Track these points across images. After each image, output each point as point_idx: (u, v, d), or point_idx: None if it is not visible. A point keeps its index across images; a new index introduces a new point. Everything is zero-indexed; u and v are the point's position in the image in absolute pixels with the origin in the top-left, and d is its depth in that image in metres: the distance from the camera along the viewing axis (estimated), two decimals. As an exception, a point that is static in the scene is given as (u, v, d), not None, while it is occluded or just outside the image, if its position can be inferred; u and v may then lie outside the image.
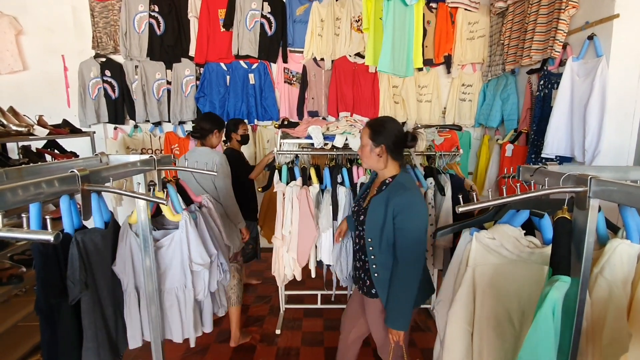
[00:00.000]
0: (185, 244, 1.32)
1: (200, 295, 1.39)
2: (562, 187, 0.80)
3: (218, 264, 1.50)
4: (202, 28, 3.50)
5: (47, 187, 0.83)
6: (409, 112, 3.69)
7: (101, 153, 1.27)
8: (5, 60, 3.52)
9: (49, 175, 0.89)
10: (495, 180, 3.37)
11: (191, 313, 1.37)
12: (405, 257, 1.31)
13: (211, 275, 1.43)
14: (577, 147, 2.40)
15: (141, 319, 1.29)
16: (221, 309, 1.62)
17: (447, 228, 1.28)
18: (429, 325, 2.61)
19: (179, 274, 1.33)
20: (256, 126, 3.76)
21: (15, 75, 3.60)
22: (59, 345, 1.15)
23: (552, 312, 0.81)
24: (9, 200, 0.74)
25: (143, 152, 3.74)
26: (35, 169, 1.07)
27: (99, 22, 3.55)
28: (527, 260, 1.01)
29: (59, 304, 1.12)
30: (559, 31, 2.53)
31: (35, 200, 0.78)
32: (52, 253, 1.07)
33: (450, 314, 1.11)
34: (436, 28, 3.58)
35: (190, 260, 1.34)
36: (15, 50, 3.52)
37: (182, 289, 1.34)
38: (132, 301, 1.27)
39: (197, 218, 1.44)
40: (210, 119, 2.34)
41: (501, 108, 3.40)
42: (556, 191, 0.79)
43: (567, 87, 2.44)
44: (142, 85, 3.57)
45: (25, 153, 2.63)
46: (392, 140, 1.36)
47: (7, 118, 2.32)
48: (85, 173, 0.87)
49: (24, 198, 0.77)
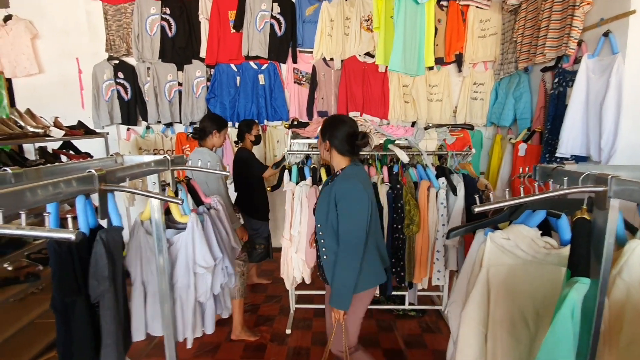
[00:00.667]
0: (191, 246, 1.33)
1: (202, 297, 1.40)
2: (581, 186, 0.78)
3: (223, 267, 1.50)
4: (213, 29, 3.53)
5: (66, 187, 0.85)
6: (419, 111, 3.66)
7: (116, 154, 1.29)
8: (22, 64, 3.60)
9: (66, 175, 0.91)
10: (507, 180, 3.32)
11: (190, 314, 1.38)
12: (344, 240, 1.44)
13: (215, 278, 1.44)
14: (593, 146, 2.35)
15: (145, 314, 1.31)
16: (225, 311, 1.62)
17: (461, 228, 1.26)
18: (439, 327, 2.59)
19: (183, 274, 1.35)
20: (266, 126, 3.78)
21: (31, 78, 3.68)
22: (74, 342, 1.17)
23: (571, 314, 0.79)
24: (29, 200, 0.76)
25: (155, 153, 3.78)
26: (52, 170, 1.09)
27: (112, 25, 3.61)
28: (543, 261, 0.99)
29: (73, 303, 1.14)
30: (573, 28, 2.48)
31: (54, 200, 0.80)
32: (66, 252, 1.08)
33: (464, 315, 1.10)
34: (447, 26, 3.54)
35: (194, 263, 1.35)
36: (31, 54, 3.61)
37: (185, 289, 1.35)
38: (138, 295, 1.29)
39: (204, 220, 1.45)
40: (210, 120, 2.36)
41: (514, 107, 3.34)
42: (575, 191, 0.77)
43: (582, 84, 2.39)
44: (154, 86, 3.62)
45: (42, 154, 2.69)
46: (337, 138, 1.52)
47: (24, 120, 2.38)
48: (103, 173, 0.89)
49: (43, 197, 0.79)
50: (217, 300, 1.55)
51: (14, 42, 3.55)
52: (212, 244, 1.44)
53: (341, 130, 1.51)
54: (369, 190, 1.51)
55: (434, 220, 2.14)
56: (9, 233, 0.57)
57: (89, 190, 0.89)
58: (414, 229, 2.09)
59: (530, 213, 1.06)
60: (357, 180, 1.47)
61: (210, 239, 1.44)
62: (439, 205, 2.14)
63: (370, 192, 1.51)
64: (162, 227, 1.30)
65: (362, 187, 1.46)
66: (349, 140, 1.51)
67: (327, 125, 1.57)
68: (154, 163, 1.22)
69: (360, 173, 1.54)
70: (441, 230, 2.15)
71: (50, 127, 2.48)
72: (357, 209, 1.44)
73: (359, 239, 1.44)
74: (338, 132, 1.51)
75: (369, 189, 1.52)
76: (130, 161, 1.31)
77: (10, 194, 0.70)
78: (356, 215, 1.44)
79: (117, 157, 1.32)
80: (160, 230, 1.30)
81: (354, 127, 1.54)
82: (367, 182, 1.56)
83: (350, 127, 1.52)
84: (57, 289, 1.13)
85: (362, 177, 1.53)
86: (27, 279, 2.05)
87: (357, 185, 1.45)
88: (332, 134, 1.53)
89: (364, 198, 1.45)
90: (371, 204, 1.49)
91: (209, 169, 1.50)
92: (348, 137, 1.51)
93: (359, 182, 1.46)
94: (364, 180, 1.53)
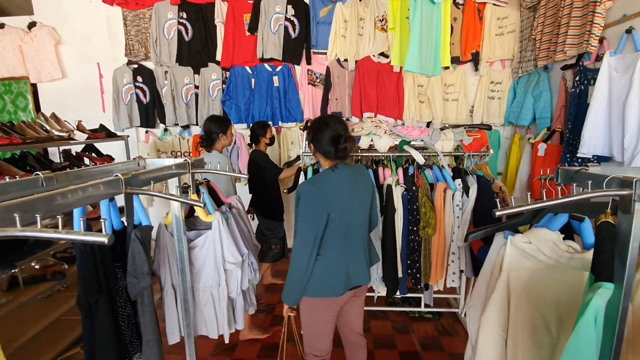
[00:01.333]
0: (219, 243, 1.37)
1: (233, 293, 1.43)
2: (605, 190, 0.77)
3: (249, 263, 1.53)
4: (228, 33, 3.59)
5: (94, 191, 0.89)
6: (434, 111, 3.63)
7: (139, 157, 1.33)
8: (46, 69, 3.74)
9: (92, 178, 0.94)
10: (526, 181, 3.25)
11: (225, 310, 1.41)
12: (295, 240, 1.45)
13: (243, 274, 1.48)
14: (616, 146, 2.28)
15: (179, 316, 1.35)
16: (251, 307, 1.66)
17: (480, 231, 1.25)
18: (457, 330, 2.56)
19: (212, 272, 1.38)
20: (280, 128, 3.81)
21: (55, 82, 3.82)
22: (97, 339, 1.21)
23: (595, 320, 0.78)
24: (61, 204, 0.80)
25: (172, 154, 3.87)
26: (80, 173, 1.13)
27: (131, 30, 3.71)
28: (566, 266, 0.97)
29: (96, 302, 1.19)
30: (594, 25, 2.42)
31: (85, 203, 0.83)
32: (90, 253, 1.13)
33: (483, 319, 1.09)
34: (463, 25, 3.50)
35: (224, 259, 1.38)
36: (54, 59, 3.74)
37: (216, 287, 1.39)
38: (170, 298, 1.33)
39: (228, 218, 1.48)
40: (213, 123, 2.38)
41: (533, 106, 3.27)
42: (600, 194, 0.76)
43: (604, 83, 2.32)
44: (172, 89, 3.70)
45: (66, 156, 2.78)
46: (320, 142, 1.50)
47: (50, 124, 2.47)
48: (129, 177, 0.92)
49: (74, 201, 0.82)
50: (245, 296, 1.58)
51: (38, 48, 3.69)
52: (238, 241, 1.48)
53: (324, 134, 1.48)
54: (336, 195, 1.44)
55: (450, 222, 2.12)
56: (48, 236, 0.60)
57: (116, 193, 0.92)
58: (430, 232, 2.07)
59: (552, 216, 1.04)
60: (313, 184, 1.45)
61: (236, 236, 1.48)
62: (455, 208, 2.11)
63: (335, 197, 1.44)
64: (182, 228, 1.34)
65: (315, 191, 1.42)
66: (331, 143, 1.47)
67: (311, 128, 1.55)
68: (175, 166, 1.26)
69: (327, 177, 1.48)
70: (457, 233, 2.12)
71: (74, 131, 2.57)
72: (305, 211, 1.43)
73: (306, 241, 1.41)
74: (321, 135, 1.49)
75: (336, 193, 1.45)
76: (152, 164, 1.35)
77: (45, 198, 0.74)
78: (304, 217, 1.42)
79: (139, 160, 1.36)
80: (180, 231, 1.34)
81: (338, 131, 1.48)
82: (333, 186, 1.46)
83: (334, 130, 1.47)
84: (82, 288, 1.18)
85: (327, 180, 1.47)
86: (53, 277, 2.12)
87: (310, 189, 1.43)
88: (314, 137, 1.51)
89: (315, 202, 1.41)
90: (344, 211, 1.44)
91: (226, 172, 1.53)
92: (331, 140, 1.47)
93: (313, 186, 1.43)
94: (328, 184, 1.46)
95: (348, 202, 1.48)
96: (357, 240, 1.54)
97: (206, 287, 1.38)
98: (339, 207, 1.45)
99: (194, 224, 1.55)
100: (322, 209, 1.41)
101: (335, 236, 1.46)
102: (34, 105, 3.89)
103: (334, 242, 1.47)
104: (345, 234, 1.48)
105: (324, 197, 1.42)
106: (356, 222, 1.52)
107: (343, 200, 1.46)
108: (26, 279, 2.03)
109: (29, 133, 2.30)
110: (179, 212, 1.32)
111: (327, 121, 1.52)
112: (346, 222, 1.47)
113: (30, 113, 3.89)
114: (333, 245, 1.47)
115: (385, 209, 2.14)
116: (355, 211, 1.51)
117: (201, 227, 1.54)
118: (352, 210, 1.49)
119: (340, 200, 1.45)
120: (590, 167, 0.93)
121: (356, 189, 1.52)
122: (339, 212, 1.44)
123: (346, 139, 1.47)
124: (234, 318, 1.55)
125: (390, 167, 2.34)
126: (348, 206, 1.48)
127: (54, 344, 2.08)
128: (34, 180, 0.92)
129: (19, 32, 3.69)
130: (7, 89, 3.85)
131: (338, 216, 1.44)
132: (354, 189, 1.51)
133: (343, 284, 1.49)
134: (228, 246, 1.41)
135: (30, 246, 1.93)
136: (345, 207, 1.47)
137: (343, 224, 1.46)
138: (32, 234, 0.59)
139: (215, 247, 1.36)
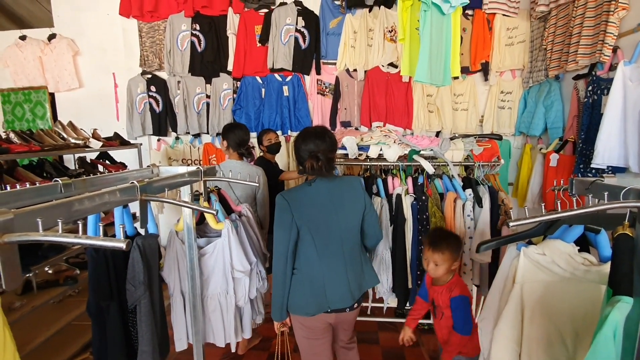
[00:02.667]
0: (228, 251, 1.37)
1: (241, 302, 1.43)
2: (622, 201, 0.75)
3: (257, 272, 1.54)
4: (240, 44, 3.66)
5: (110, 197, 0.91)
6: (444, 121, 3.62)
7: (152, 165, 1.36)
8: (64, 79, 3.86)
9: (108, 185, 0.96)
10: (538, 192, 3.20)
11: (232, 318, 1.41)
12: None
13: (251, 282, 1.48)
14: (632, 157, 2.24)
15: (187, 323, 1.35)
16: (259, 316, 1.65)
17: (492, 242, 1.23)
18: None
19: (221, 280, 1.39)
20: (289, 137, 3.84)
21: (72, 92, 3.93)
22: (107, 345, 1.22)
23: (614, 335, 0.76)
24: (79, 210, 0.82)
25: (183, 162, 3.92)
26: (95, 180, 1.16)
27: (146, 41, 3.81)
28: (582, 279, 0.95)
29: (107, 307, 1.20)
30: (608, 34, 2.40)
31: (101, 209, 0.85)
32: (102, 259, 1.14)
33: (496, 332, 1.06)
34: (472, 35, 3.50)
35: (232, 267, 1.38)
36: (72, 70, 3.86)
37: (224, 294, 1.39)
38: (178, 305, 1.33)
39: (238, 227, 1.49)
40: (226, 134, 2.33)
41: (544, 115, 3.24)
42: (617, 206, 0.75)
43: (619, 92, 2.29)
44: (184, 99, 3.77)
45: (81, 164, 2.85)
46: (298, 155, 1.48)
47: (66, 132, 2.54)
48: (144, 184, 0.94)
49: (91, 207, 0.84)
50: (252, 305, 1.58)
51: (57, 59, 3.81)
52: (247, 249, 1.48)
53: (300, 148, 1.47)
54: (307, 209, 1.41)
55: (461, 232, 2.09)
56: (69, 241, 0.61)
57: (131, 200, 0.94)
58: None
59: (566, 228, 1.03)
60: (285, 195, 1.42)
61: (245, 244, 1.49)
62: (466, 218, 2.09)
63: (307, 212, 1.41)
64: (193, 235, 1.35)
65: (284, 203, 1.40)
66: (305, 158, 1.43)
67: (294, 141, 1.53)
68: (188, 174, 1.28)
69: (300, 191, 1.45)
70: (468, 244, 2.10)
71: (89, 139, 2.63)
72: (276, 222, 1.41)
73: (278, 252, 1.39)
74: (297, 149, 1.48)
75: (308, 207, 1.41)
76: (165, 172, 1.38)
77: (64, 204, 0.76)
78: (275, 228, 1.41)
79: (153, 168, 1.39)
80: (191, 238, 1.35)
81: (311, 147, 1.43)
82: (304, 200, 1.43)
83: (308, 146, 1.44)
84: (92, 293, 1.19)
85: (299, 194, 1.44)
86: (65, 282, 2.16)
87: (281, 201, 1.41)
88: (295, 150, 1.50)
89: (284, 213, 1.39)
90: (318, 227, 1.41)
91: (238, 180, 1.54)
92: (306, 155, 1.44)
93: (284, 198, 1.41)
94: (300, 198, 1.43)
95: (324, 218, 1.42)
96: (337, 260, 1.45)
97: (214, 294, 1.38)
98: (312, 222, 1.40)
99: (204, 232, 1.57)
100: (291, 221, 1.38)
101: (309, 252, 1.41)
102: (52, 114, 4.00)
103: (309, 258, 1.42)
104: (323, 251, 1.42)
105: (294, 210, 1.39)
106: (336, 239, 1.44)
107: (317, 216, 1.42)
108: (39, 284, 2.07)
109: (47, 140, 2.36)
110: (190, 219, 1.33)
111: (306, 136, 1.48)
112: (322, 239, 1.42)
113: (47, 121, 4.00)
114: (307, 261, 1.42)
115: (395, 219, 2.12)
116: (335, 227, 1.44)
117: (211, 234, 1.55)
118: (331, 226, 1.43)
119: (313, 215, 1.41)
120: (605, 178, 0.92)
121: (339, 202, 1.45)
122: (312, 227, 1.40)
123: (320, 156, 1.40)
124: (241, 326, 1.55)
125: (400, 177, 2.33)
126: (324, 222, 1.42)
127: (64, 349, 2.10)
128: (53, 187, 0.94)
129: (39, 44, 3.82)
130: (26, 98, 3.98)
131: (311, 231, 1.40)
132: (333, 203, 1.44)
133: (316, 303, 1.41)
134: (237, 254, 1.41)
135: (44, 251, 1.97)
136: (320, 222, 1.42)
137: (319, 241, 1.41)
138: (54, 238, 0.60)
139: (224, 255, 1.37)
